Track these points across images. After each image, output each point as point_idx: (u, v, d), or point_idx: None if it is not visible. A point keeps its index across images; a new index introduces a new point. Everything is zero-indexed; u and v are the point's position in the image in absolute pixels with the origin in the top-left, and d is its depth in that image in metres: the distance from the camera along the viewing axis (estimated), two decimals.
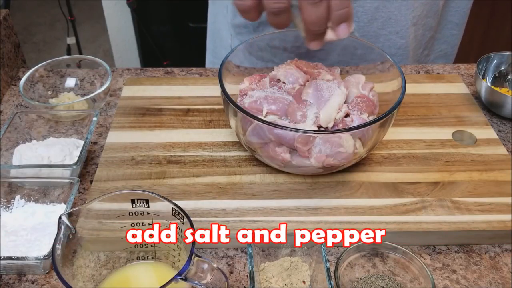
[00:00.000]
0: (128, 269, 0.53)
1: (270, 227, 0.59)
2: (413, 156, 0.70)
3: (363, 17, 0.88)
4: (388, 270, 0.56)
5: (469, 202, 0.63)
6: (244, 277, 0.57)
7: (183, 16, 1.91)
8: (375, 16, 0.88)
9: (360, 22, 0.88)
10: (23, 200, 0.63)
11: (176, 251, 0.52)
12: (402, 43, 0.92)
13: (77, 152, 0.68)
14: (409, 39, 0.92)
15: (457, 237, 0.60)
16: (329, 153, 0.60)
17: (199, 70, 0.89)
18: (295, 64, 0.69)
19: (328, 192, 0.64)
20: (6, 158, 0.67)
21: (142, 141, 0.71)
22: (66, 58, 0.83)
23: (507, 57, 0.83)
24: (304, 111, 0.62)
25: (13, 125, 0.69)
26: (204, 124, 0.75)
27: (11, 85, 0.86)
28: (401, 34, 0.90)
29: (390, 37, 0.91)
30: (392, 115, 0.61)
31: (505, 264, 0.58)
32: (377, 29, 0.89)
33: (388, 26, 0.89)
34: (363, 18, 0.88)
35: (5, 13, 0.85)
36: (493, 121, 0.79)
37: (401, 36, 0.91)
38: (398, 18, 0.88)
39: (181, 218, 0.48)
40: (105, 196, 0.49)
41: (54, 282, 0.56)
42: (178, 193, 0.63)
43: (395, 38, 0.91)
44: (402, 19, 0.88)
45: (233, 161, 0.68)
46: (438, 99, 0.80)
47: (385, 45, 0.92)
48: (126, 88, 0.81)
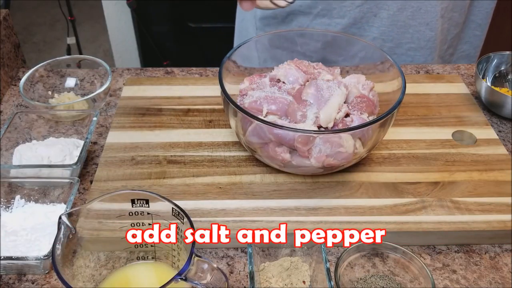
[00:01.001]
0: (128, 269, 0.53)
1: (270, 227, 0.59)
2: (413, 156, 0.70)
3: (393, 5, 0.88)
4: (388, 270, 0.56)
5: (469, 202, 0.63)
6: (244, 277, 0.57)
7: (183, 16, 1.91)
8: (404, 6, 0.88)
9: (389, 11, 0.88)
10: (23, 200, 0.63)
11: (176, 251, 0.52)
12: (431, 35, 0.92)
13: (77, 152, 0.68)
14: (437, 31, 0.91)
15: (457, 237, 0.60)
16: (329, 153, 0.60)
17: (199, 70, 0.89)
18: (295, 64, 0.69)
19: (328, 192, 0.64)
20: (6, 158, 0.67)
21: (142, 141, 0.71)
22: (66, 58, 0.83)
23: (507, 57, 0.83)
24: (304, 111, 0.62)
25: (13, 125, 0.69)
26: (204, 124, 0.75)
27: (11, 85, 0.86)
28: (431, 26, 0.90)
29: (419, 28, 0.91)
30: (392, 115, 0.61)
31: (505, 264, 0.58)
32: (407, 19, 0.90)
33: (418, 16, 0.89)
34: (393, 7, 0.88)
35: (5, 13, 0.85)
36: (493, 121, 0.79)
37: (430, 28, 0.91)
38: (428, 9, 0.88)
39: (181, 218, 0.48)
40: (105, 196, 0.49)
41: (54, 282, 0.56)
42: (178, 193, 0.63)
43: (424, 30, 0.91)
44: (432, 10, 0.89)
45: (233, 161, 0.68)
46: (438, 99, 0.80)
47: (414, 37, 0.92)
48: (126, 88, 0.81)
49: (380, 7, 0.89)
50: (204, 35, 1.92)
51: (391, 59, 0.68)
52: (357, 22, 0.91)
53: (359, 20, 0.91)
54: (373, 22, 0.91)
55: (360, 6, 0.88)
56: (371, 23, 0.91)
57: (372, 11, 0.89)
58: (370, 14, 0.90)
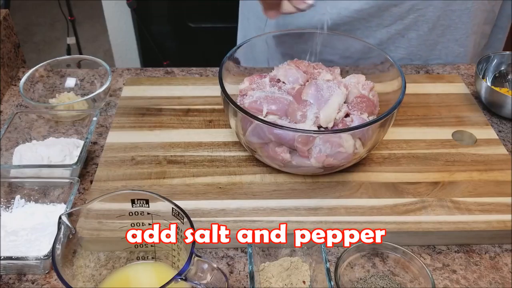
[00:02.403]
0: (128, 269, 0.53)
1: (270, 227, 0.59)
2: (413, 156, 0.70)
3: (423, 26, 0.85)
4: (388, 270, 0.56)
5: (469, 202, 0.63)
6: (244, 277, 0.57)
7: (183, 16, 1.91)
8: (435, 25, 0.86)
9: (419, 31, 0.86)
10: (23, 200, 0.63)
11: (176, 251, 0.52)
12: (460, 51, 0.90)
13: (77, 152, 0.68)
14: (468, 48, 0.90)
15: (457, 237, 0.60)
16: (329, 153, 0.60)
17: (199, 70, 0.89)
18: (295, 64, 0.69)
19: (328, 192, 0.64)
20: (6, 158, 0.67)
21: (142, 141, 0.71)
22: (66, 58, 0.83)
23: (507, 57, 0.83)
24: (304, 111, 0.62)
25: (13, 125, 0.69)
26: (204, 124, 0.75)
27: (11, 85, 0.86)
28: (460, 42, 0.89)
29: (448, 44, 0.89)
30: (392, 115, 0.61)
31: (505, 264, 0.58)
32: (437, 37, 0.88)
33: (448, 34, 0.87)
34: (424, 27, 0.86)
35: (5, 13, 0.85)
36: (493, 121, 0.79)
37: (460, 44, 0.89)
38: (458, 26, 0.86)
39: (181, 218, 0.48)
40: (105, 196, 0.49)
41: (54, 282, 0.56)
42: (178, 193, 0.63)
43: (453, 46, 0.89)
44: (463, 27, 0.87)
45: (233, 161, 0.68)
46: (438, 99, 0.80)
47: (442, 53, 0.90)
48: (126, 88, 0.81)
49: (409, 28, 0.85)
50: (204, 35, 1.92)
51: (391, 59, 0.68)
52: (383, 43, 0.87)
53: (385, 41, 0.87)
54: (400, 43, 0.88)
55: (387, 27, 0.85)
56: (398, 43, 0.88)
57: (400, 33, 0.86)
58: (398, 35, 0.86)
